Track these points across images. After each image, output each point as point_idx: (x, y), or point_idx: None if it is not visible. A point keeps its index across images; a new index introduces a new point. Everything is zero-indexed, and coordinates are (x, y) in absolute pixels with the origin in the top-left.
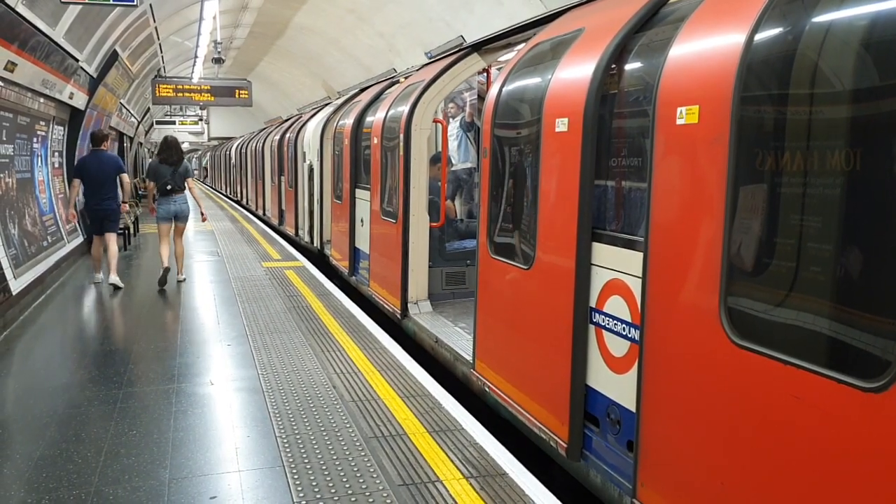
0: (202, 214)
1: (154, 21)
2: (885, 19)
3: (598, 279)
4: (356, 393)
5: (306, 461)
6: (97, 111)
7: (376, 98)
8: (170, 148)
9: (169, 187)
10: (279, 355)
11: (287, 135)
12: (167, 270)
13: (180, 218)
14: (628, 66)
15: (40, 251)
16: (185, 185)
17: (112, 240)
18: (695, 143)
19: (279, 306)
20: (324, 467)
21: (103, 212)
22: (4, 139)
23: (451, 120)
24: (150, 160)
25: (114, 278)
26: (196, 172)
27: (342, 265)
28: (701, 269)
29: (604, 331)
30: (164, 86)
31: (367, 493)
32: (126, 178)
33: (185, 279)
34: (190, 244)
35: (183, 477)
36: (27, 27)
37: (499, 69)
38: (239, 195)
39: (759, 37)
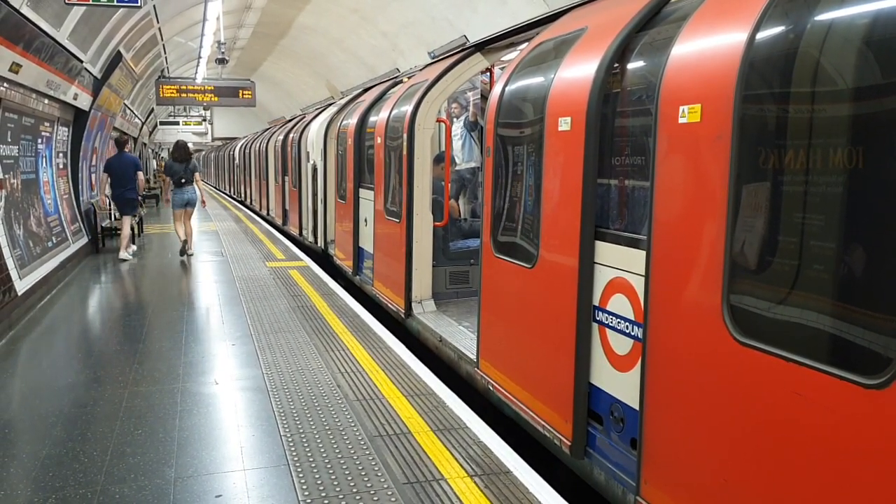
0: (203, 201)
1: (158, 22)
2: (887, 17)
3: (602, 277)
4: (360, 392)
5: (311, 460)
6: (101, 112)
7: (380, 98)
8: (180, 149)
9: (183, 181)
10: (283, 355)
11: (291, 135)
12: (185, 242)
13: (190, 204)
14: (631, 65)
15: (45, 252)
16: (194, 178)
17: (126, 223)
18: (697, 142)
19: (283, 306)
20: (328, 466)
21: (124, 199)
22: (9, 140)
23: (454, 120)
24: (167, 160)
25: (122, 254)
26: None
27: (346, 265)
28: (704, 267)
29: (607, 329)
30: (168, 86)
31: (372, 492)
32: (141, 175)
33: (193, 254)
34: (194, 244)
35: (188, 476)
36: (31, 28)
37: (502, 69)
38: (243, 195)
39: (760, 35)
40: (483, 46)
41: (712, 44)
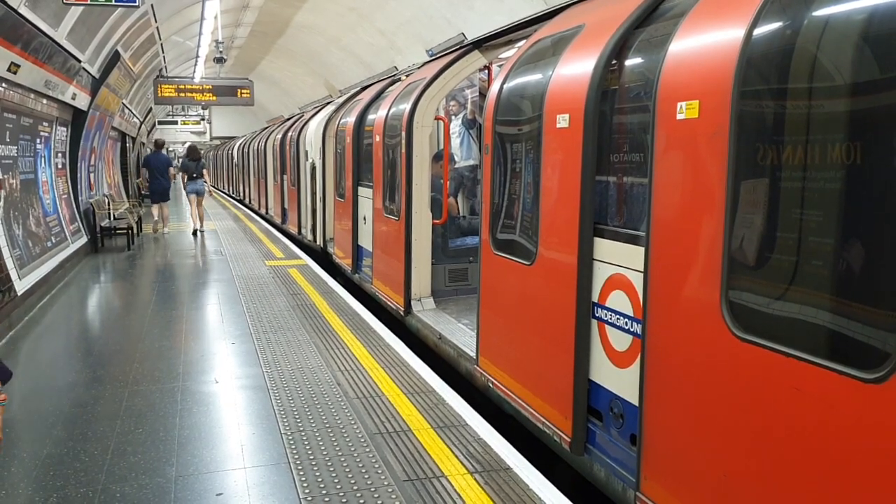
0: (210, 192)
1: (155, 21)
2: (884, 12)
3: (600, 274)
4: (360, 390)
5: (311, 458)
6: (100, 112)
7: (378, 96)
8: (193, 151)
9: (195, 175)
10: (283, 353)
11: (289, 133)
12: (195, 231)
13: (200, 193)
14: (629, 62)
15: (44, 252)
16: (202, 173)
17: (166, 206)
18: (695, 138)
19: (283, 304)
20: (329, 464)
21: (161, 189)
22: (8, 140)
23: (453, 117)
24: (181, 160)
25: (166, 230)
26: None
27: (345, 263)
28: (702, 262)
29: (606, 325)
30: (166, 86)
31: (373, 489)
32: (172, 169)
33: (204, 230)
34: (194, 243)
35: (189, 474)
36: (30, 28)
37: (500, 66)
38: (241, 194)
39: (758, 31)
40: (481, 44)
41: (710, 40)
